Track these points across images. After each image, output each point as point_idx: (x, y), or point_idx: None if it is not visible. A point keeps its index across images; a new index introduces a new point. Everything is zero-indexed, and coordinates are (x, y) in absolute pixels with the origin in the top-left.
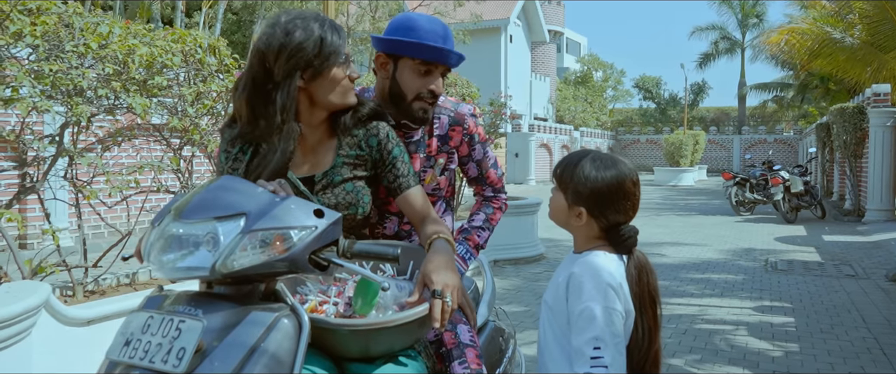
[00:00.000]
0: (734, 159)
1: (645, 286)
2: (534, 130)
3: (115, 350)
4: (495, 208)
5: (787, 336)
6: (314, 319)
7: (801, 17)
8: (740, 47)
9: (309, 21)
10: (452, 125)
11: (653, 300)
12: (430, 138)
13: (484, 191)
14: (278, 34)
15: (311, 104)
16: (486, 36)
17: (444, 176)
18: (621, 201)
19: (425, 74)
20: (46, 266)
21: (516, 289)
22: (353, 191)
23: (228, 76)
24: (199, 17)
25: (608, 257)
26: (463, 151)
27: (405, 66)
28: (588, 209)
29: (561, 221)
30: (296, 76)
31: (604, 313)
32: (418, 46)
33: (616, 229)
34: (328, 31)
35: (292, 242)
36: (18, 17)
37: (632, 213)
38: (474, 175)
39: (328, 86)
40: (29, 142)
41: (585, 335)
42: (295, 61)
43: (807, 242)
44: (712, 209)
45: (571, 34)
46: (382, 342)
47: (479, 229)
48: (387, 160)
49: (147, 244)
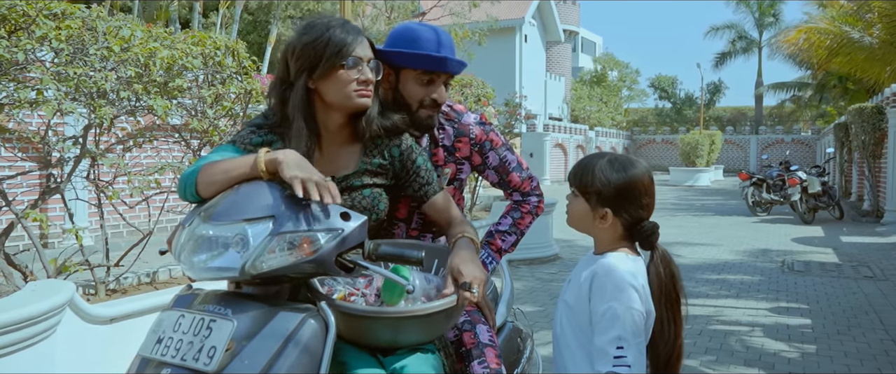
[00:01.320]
0: (751, 160)
1: (668, 280)
2: (549, 130)
3: (148, 348)
4: (524, 212)
5: (804, 338)
6: (346, 306)
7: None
8: (757, 46)
9: (328, 23)
10: (458, 136)
11: (676, 294)
12: (437, 148)
13: (512, 196)
14: (295, 36)
15: (325, 106)
16: (501, 36)
17: (453, 186)
18: (642, 197)
19: (428, 84)
20: (70, 265)
21: (531, 289)
22: (370, 197)
23: (247, 78)
24: (217, 18)
25: (630, 258)
26: (476, 160)
27: (408, 77)
28: (613, 210)
29: (584, 226)
30: (303, 76)
31: (627, 313)
32: (419, 57)
33: (638, 226)
34: (337, 31)
35: (319, 244)
36: (44, 22)
37: (651, 209)
38: (495, 181)
39: (335, 86)
40: (53, 143)
41: (609, 335)
42: (303, 61)
43: (824, 243)
44: (728, 210)
45: (586, 34)
46: (410, 332)
47: (505, 234)
48: (411, 170)
49: (177, 245)
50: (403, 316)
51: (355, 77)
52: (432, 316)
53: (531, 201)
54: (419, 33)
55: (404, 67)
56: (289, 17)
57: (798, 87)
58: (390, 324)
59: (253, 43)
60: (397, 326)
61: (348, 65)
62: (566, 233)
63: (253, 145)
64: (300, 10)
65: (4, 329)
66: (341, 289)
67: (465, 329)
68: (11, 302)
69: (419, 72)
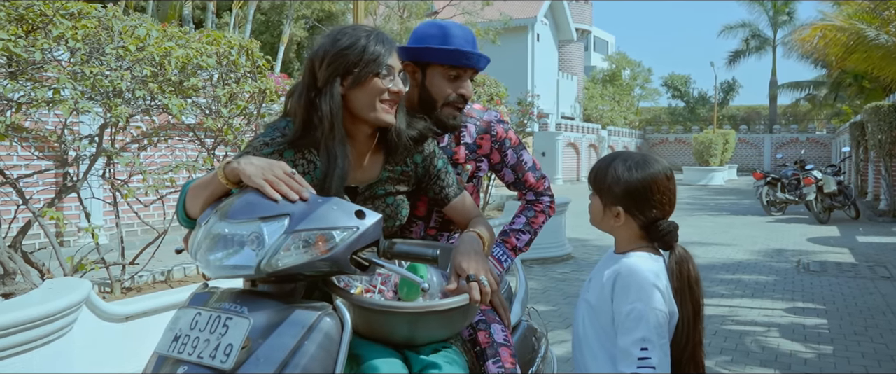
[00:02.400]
0: (765, 159)
1: (687, 278)
2: (561, 129)
3: (164, 345)
4: (537, 212)
5: (820, 338)
6: (364, 301)
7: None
8: (771, 45)
9: (358, 31)
10: (481, 133)
11: (695, 296)
12: (458, 146)
13: (526, 195)
14: (326, 42)
15: (353, 117)
16: (513, 35)
17: (472, 183)
18: (656, 196)
19: (455, 79)
20: (86, 263)
21: (544, 289)
22: (393, 204)
23: (261, 77)
24: (230, 18)
25: (651, 258)
26: (495, 158)
27: (434, 73)
28: (624, 208)
29: (602, 225)
30: (336, 82)
31: (650, 314)
32: (449, 53)
33: (655, 225)
34: (372, 40)
35: (335, 242)
36: (61, 21)
37: (669, 208)
38: (511, 180)
39: (366, 97)
40: (69, 142)
41: (633, 336)
42: (335, 66)
43: (840, 243)
44: (743, 209)
45: (599, 32)
46: (428, 328)
47: (519, 232)
48: (432, 174)
49: (194, 243)
50: (422, 312)
51: (388, 86)
52: (450, 312)
53: (544, 200)
54: (445, 29)
55: (431, 63)
56: (301, 17)
57: (813, 85)
58: (408, 319)
59: (265, 43)
60: (415, 321)
61: (383, 74)
62: (579, 232)
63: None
64: (312, 10)
65: (22, 327)
66: (358, 285)
67: (480, 329)
68: (29, 300)
69: (446, 67)
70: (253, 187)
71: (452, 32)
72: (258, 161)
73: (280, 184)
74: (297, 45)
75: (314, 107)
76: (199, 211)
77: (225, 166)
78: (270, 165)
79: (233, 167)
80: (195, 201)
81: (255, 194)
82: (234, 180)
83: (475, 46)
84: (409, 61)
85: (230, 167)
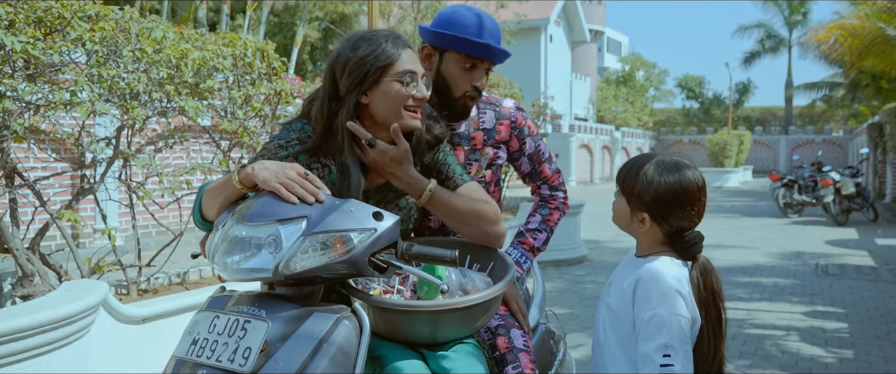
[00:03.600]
0: (780, 160)
1: (710, 292)
2: (574, 131)
3: (183, 349)
4: (552, 209)
5: (841, 343)
6: (384, 301)
7: (851, 12)
8: (787, 45)
9: (377, 37)
10: (499, 120)
11: (718, 306)
12: (476, 131)
13: (540, 189)
14: (346, 49)
15: (374, 123)
16: (526, 36)
17: (491, 170)
18: (685, 207)
19: (470, 69)
20: (103, 265)
21: (559, 291)
22: (405, 207)
23: (276, 79)
24: (244, 21)
25: (674, 263)
26: (514, 145)
27: (450, 59)
28: (651, 215)
29: (624, 225)
30: (356, 92)
31: (673, 319)
32: (465, 42)
33: (680, 235)
34: (392, 47)
35: (352, 244)
36: (78, 23)
37: (697, 219)
38: (528, 171)
39: (390, 104)
40: (86, 144)
41: (654, 342)
42: (356, 75)
43: (859, 245)
44: (759, 211)
45: (612, 33)
46: (449, 327)
47: (535, 232)
48: (435, 167)
49: (211, 246)
50: (442, 310)
51: (411, 93)
52: (471, 309)
53: (558, 196)
54: (466, 18)
55: (449, 49)
56: (315, 18)
57: (829, 86)
58: (429, 318)
59: (279, 45)
60: (436, 320)
61: (405, 81)
62: (594, 234)
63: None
64: (325, 12)
65: (41, 329)
66: (376, 286)
67: (500, 333)
68: (47, 302)
69: (462, 56)
70: (268, 190)
71: (472, 22)
72: (272, 165)
73: (295, 186)
74: (311, 46)
75: (334, 116)
76: (216, 214)
77: (239, 171)
78: (284, 167)
79: (247, 172)
80: (211, 205)
81: (272, 196)
82: (248, 185)
83: (495, 39)
84: (428, 43)
85: (244, 172)
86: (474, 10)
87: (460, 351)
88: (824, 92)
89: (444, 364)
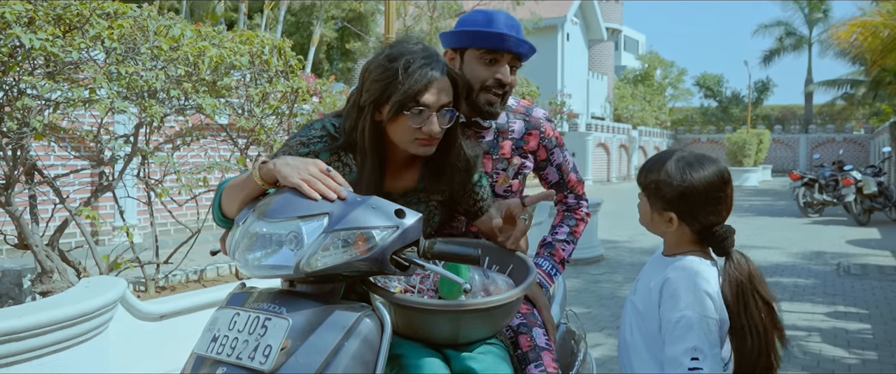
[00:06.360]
0: (800, 159)
1: (748, 288)
2: (591, 130)
3: (203, 346)
4: (578, 220)
5: (864, 344)
6: (406, 300)
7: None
8: (807, 43)
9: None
10: (528, 130)
11: (761, 302)
12: (504, 140)
13: (566, 198)
14: (381, 59)
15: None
16: (543, 34)
17: (518, 180)
18: (713, 202)
19: (491, 64)
20: (121, 262)
21: (577, 291)
22: (426, 211)
23: (293, 76)
24: (261, 20)
25: (703, 263)
26: (541, 155)
27: (471, 57)
28: (677, 214)
29: (652, 227)
30: (371, 108)
31: (701, 322)
32: (479, 34)
33: (710, 230)
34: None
35: (374, 242)
36: (97, 21)
37: (726, 213)
38: (555, 180)
39: (398, 130)
40: (105, 142)
41: (683, 345)
42: (372, 92)
43: (881, 245)
44: (778, 211)
45: (629, 32)
46: (471, 327)
47: (564, 243)
48: (467, 189)
49: (232, 242)
50: (465, 310)
51: (418, 126)
52: (493, 310)
53: (583, 205)
54: (478, 15)
55: (468, 47)
56: (331, 17)
57: (850, 84)
58: (451, 318)
59: (296, 44)
60: (458, 320)
61: (413, 113)
62: (611, 234)
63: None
64: (342, 11)
65: (60, 325)
66: (397, 284)
67: (522, 332)
68: (66, 298)
69: (481, 51)
70: (290, 186)
71: (489, 16)
72: (293, 161)
73: (317, 183)
74: (327, 45)
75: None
76: (236, 211)
77: (260, 167)
78: (305, 163)
79: (268, 168)
80: (231, 201)
81: (293, 193)
82: (269, 181)
83: (516, 31)
84: (449, 48)
85: (265, 168)
86: (494, 10)
87: (488, 352)
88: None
89: (472, 365)
